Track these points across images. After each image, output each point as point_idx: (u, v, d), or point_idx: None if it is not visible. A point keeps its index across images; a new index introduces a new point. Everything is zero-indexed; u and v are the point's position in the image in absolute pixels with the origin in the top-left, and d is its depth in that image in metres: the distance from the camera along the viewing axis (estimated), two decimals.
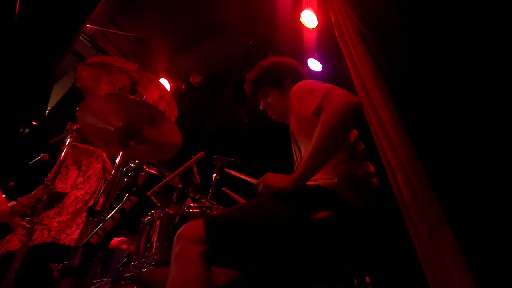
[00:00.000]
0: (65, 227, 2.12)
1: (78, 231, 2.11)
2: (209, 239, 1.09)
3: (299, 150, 1.60)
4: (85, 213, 1.50)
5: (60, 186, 2.16)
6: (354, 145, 1.48)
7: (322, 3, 2.93)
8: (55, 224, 2.10)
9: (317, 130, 1.26)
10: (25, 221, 1.95)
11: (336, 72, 3.12)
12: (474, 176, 1.72)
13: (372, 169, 1.48)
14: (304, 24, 3.01)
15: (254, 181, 1.48)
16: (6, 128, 1.56)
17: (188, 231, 1.13)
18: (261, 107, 1.80)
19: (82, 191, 2.28)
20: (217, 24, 3.46)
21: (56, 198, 2.16)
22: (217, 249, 1.10)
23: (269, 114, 1.79)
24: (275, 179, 1.28)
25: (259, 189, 1.31)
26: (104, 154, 2.50)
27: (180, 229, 1.15)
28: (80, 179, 2.29)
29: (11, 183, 2.69)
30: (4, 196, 2.32)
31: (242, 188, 1.86)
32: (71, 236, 2.09)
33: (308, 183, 1.36)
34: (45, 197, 1.88)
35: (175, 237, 1.13)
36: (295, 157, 1.67)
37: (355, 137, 1.52)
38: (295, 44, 3.26)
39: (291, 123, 1.68)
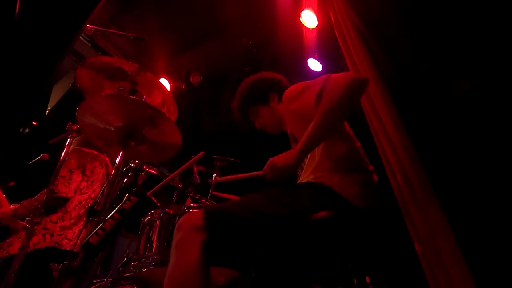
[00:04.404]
0: (67, 232, 2.11)
1: (80, 236, 2.11)
2: (207, 227, 1.11)
3: None
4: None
5: (64, 190, 2.15)
6: (353, 143, 1.49)
7: (322, 3, 2.92)
8: (58, 229, 2.09)
9: (321, 104, 1.25)
10: (25, 221, 1.95)
11: (336, 72, 3.12)
12: (474, 176, 1.72)
13: (370, 166, 1.49)
14: (304, 24, 3.00)
15: (255, 174, 1.44)
16: (6, 128, 1.56)
17: (189, 220, 1.15)
18: (257, 127, 1.81)
19: (86, 196, 2.28)
20: (217, 24, 3.46)
21: (59, 203, 2.16)
22: (215, 237, 1.11)
23: (267, 131, 1.80)
24: (280, 161, 1.27)
25: (268, 177, 1.30)
26: (108, 159, 2.50)
27: (181, 218, 1.17)
28: (84, 183, 2.29)
29: (11, 183, 2.69)
30: (4, 196, 2.32)
31: (242, 187, 1.86)
32: (73, 241, 2.09)
33: (310, 180, 1.36)
34: (44, 199, 1.87)
35: (176, 226, 1.15)
36: None
37: (352, 136, 1.53)
38: (295, 44, 3.26)
39: (288, 126, 1.68)
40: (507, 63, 1.70)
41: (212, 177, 2.67)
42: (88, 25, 2.23)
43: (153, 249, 1.52)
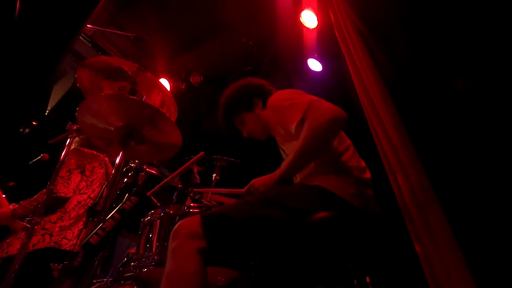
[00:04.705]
0: (66, 232, 2.11)
1: (80, 236, 2.10)
2: (206, 235, 1.10)
3: None
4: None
5: (62, 190, 2.15)
6: (343, 142, 1.49)
7: (322, 3, 2.93)
8: (57, 229, 2.09)
9: (301, 138, 1.30)
10: (25, 221, 1.94)
11: (336, 72, 3.12)
12: (474, 176, 1.72)
13: (362, 163, 1.49)
14: (304, 24, 3.00)
15: (236, 191, 1.52)
16: (6, 128, 1.56)
17: (185, 226, 1.14)
18: (244, 136, 1.79)
19: (85, 196, 2.27)
20: (217, 24, 3.46)
21: (58, 203, 2.15)
22: (214, 245, 1.11)
23: (255, 137, 1.78)
24: (261, 183, 1.37)
25: (249, 193, 1.38)
26: (107, 160, 2.49)
27: (177, 224, 1.16)
28: (83, 183, 2.28)
29: (11, 183, 2.69)
30: (4, 196, 2.32)
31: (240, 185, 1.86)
32: (72, 241, 2.09)
33: (306, 183, 1.36)
34: (43, 199, 1.87)
35: (172, 232, 1.14)
36: None
37: (342, 135, 1.53)
38: (295, 44, 3.26)
39: (275, 134, 1.67)
40: (507, 63, 1.70)
41: (212, 177, 2.67)
42: (88, 25, 2.22)
43: (153, 249, 1.52)
